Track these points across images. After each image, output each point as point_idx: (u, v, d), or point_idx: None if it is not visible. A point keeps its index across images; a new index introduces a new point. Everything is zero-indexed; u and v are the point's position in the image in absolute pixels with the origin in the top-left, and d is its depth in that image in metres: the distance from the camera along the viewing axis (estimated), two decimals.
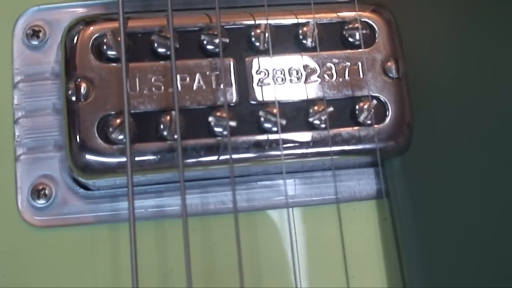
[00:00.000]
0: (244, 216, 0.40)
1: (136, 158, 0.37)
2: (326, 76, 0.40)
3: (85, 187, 0.39)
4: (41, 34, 0.40)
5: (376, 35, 0.40)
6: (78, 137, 0.37)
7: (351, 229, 0.40)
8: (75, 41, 0.38)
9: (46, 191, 0.39)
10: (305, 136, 0.39)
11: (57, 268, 0.38)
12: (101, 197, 0.39)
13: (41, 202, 0.39)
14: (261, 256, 0.40)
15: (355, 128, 0.39)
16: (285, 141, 0.38)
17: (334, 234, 0.40)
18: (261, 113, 0.38)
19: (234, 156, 0.38)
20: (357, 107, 0.39)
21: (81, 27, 0.38)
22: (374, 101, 0.39)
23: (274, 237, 0.40)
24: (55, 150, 0.39)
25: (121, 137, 0.37)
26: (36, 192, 0.39)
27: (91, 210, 0.39)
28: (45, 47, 0.40)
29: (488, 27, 0.43)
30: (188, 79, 0.38)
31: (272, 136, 0.38)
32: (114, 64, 0.38)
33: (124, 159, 0.36)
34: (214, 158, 0.38)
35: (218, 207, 0.40)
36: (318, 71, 0.40)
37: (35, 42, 0.40)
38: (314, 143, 0.39)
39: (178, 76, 0.38)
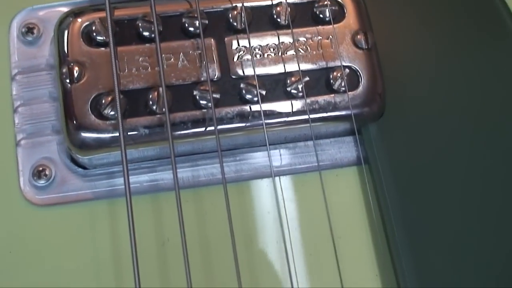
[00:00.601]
0: (234, 186, 0.42)
1: (129, 133, 0.39)
2: (300, 50, 0.42)
3: (83, 167, 0.42)
4: (35, 31, 0.43)
5: (345, 11, 0.43)
6: (73, 116, 0.39)
7: (335, 194, 0.42)
8: (66, 30, 0.41)
9: (46, 172, 0.41)
10: (284, 105, 0.41)
11: (60, 242, 0.40)
12: (98, 175, 0.41)
13: (41, 182, 0.41)
14: (251, 222, 0.42)
15: (331, 95, 0.42)
16: (266, 111, 0.41)
17: (319, 199, 0.42)
18: (242, 85, 0.41)
19: (220, 126, 0.40)
20: (331, 76, 0.42)
21: (71, 18, 0.41)
22: (347, 70, 0.42)
23: (262, 204, 0.42)
24: (53, 134, 0.42)
25: (112, 112, 0.39)
26: (37, 173, 0.41)
27: (89, 187, 0.41)
28: (39, 42, 0.43)
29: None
30: (172, 58, 0.41)
31: (254, 107, 0.41)
32: (103, 49, 0.41)
33: (117, 134, 0.39)
34: (201, 129, 0.40)
35: (209, 178, 0.42)
36: (293, 46, 0.42)
37: (30, 38, 0.43)
38: (294, 111, 0.41)
39: (163, 56, 0.41)
